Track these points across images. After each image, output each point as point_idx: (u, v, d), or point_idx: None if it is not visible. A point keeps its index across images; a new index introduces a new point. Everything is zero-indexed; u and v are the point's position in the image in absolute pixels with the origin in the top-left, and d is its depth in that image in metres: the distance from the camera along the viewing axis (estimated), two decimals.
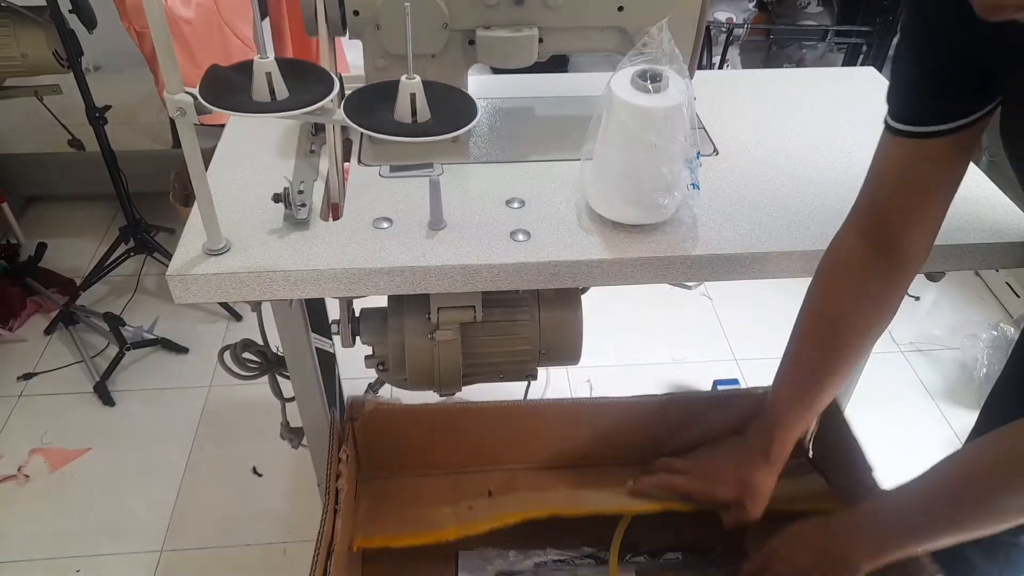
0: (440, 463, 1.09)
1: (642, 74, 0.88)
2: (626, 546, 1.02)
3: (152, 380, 1.99)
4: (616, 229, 0.98)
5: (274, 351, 1.18)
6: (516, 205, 1.02)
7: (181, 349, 2.06)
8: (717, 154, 1.14)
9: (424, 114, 0.81)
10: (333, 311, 1.14)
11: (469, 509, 1.00)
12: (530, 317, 1.10)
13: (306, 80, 0.81)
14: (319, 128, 1.13)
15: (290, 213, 0.96)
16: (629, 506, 1.00)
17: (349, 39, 1.01)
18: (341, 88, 0.88)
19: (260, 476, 1.75)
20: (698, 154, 0.94)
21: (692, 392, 1.55)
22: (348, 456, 0.93)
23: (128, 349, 1.99)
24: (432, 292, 0.97)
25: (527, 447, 1.08)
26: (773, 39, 2.58)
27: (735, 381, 1.92)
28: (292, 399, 1.20)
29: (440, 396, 1.14)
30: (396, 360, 1.09)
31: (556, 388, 1.96)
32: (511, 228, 0.97)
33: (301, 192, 1.00)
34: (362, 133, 0.83)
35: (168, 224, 2.26)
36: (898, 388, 2.03)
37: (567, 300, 1.11)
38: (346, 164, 1.09)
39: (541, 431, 1.07)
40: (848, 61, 2.49)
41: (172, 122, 0.88)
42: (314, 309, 1.14)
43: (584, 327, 1.11)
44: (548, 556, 1.05)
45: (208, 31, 1.82)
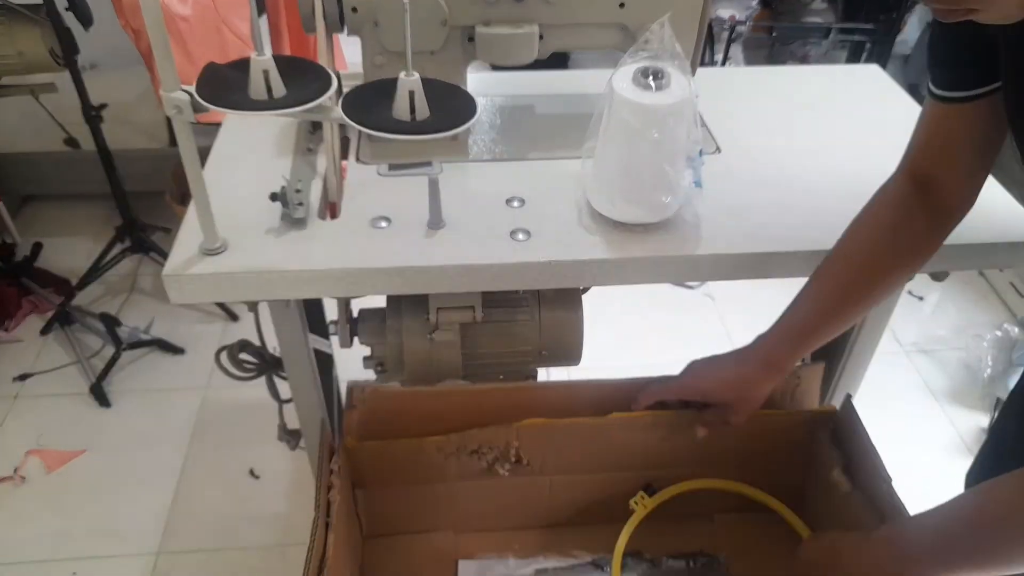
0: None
1: (644, 71, 0.87)
2: (629, 553, 1.01)
3: (148, 381, 1.98)
4: (617, 228, 0.97)
5: (271, 352, 1.18)
6: (516, 204, 1.01)
7: (177, 350, 2.05)
8: (719, 152, 1.13)
9: (423, 112, 0.81)
10: (331, 311, 1.13)
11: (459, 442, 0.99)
12: (530, 317, 1.09)
13: (304, 78, 0.80)
14: (317, 126, 1.12)
15: (287, 212, 0.95)
16: (614, 418, 0.98)
17: (347, 36, 1.00)
18: (339, 86, 0.87)
19: (257, 478, 1.74)
20: (700, 152, 0.93)
21: None
22: (340, 468, 0.92)
23: (124, 350, 1.98)
24: (431, 292, 0.96)
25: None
26: (776, 36, 2.57)
27: None
28: (289, 400, 1.20)
29: None
30: (395, 361, 1.08)
31: None
32: (511, 227, 0.96)
33: (298, 191, 1.00)
34: (360, 131, 0.82)
35: (165, 223, 2.25)
36: (902, 388, 2.02)
37: (568, 300, 1.10)
38: (344, 162, 1.08)
39: (544, 412, 1.04)
40: (851, 58, 2.48)
41: (169, 120, 0.87)
42: (312, 309, 1.13)
43: (585, 327, 1.11)
44: (548, 563, 1.04)
45: (205, 28, 1.81)
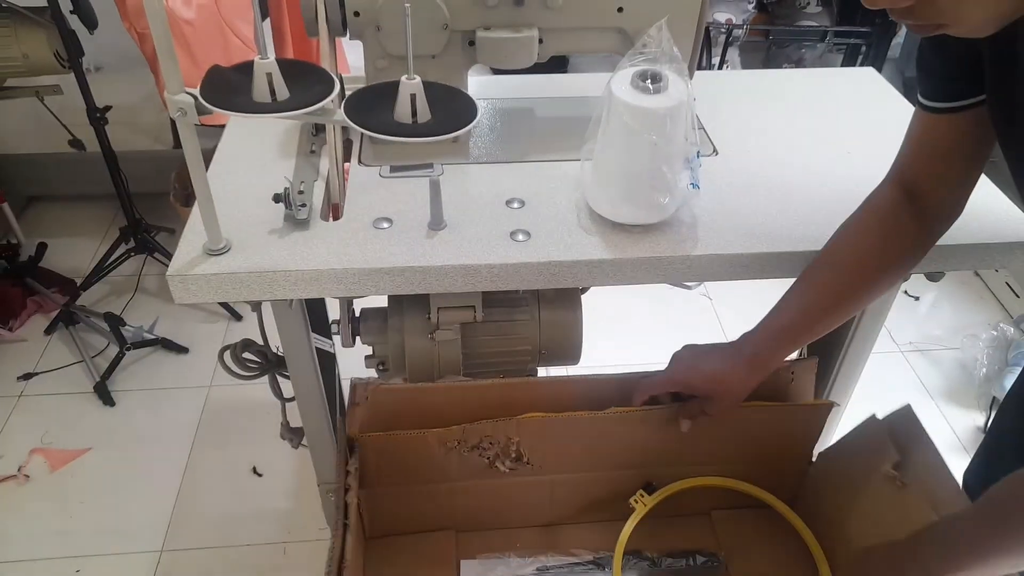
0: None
1: (642, 74, 0.88)
2: (628, 552, 1.02)
3: (152, 380, 1.99)
4: (616, 229, 0.98)
5: (274, 351, 1.18)
6: (516, 205, 1.02)
7: (181, 349, 2.06)
8: (717, 154, 1.14)
9: (424, 114, 0.82)
10: (333, 311, 1.14)
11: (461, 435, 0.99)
12: (530, 317, 1.10)
13: (306, 81, 0.81)
14: (319, 128, 1.13)
15: (290, 213, 0.96)
16: (611, 413, 0.98)
17: (349, 40, 1.01)
18: (341, 89, 0.88)
19: (260, 476, 1.75)
20: (698, 154, 0.94)
21: None
22: (356, 469, 0.93)
23: (128, 349, 1.99)
24: (432, 292, 0.97)
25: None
26: (772, 40, 2.58)
27: None
28: (292, 399, 1.21)
29: None
30: (396, 360, 1.09)
31: None
32: (511, 228, 0.97)
33: (301, 192, 1.01)
34: (362, 133, 0.83)
35: (168, 224, 2.27)
36: (898, 388, 2.03)
37: (567, 300, 1.11)
38: (346, 164, 1.09)
39: (544, 408, 1.05)
40: (847, 62, 2.49)
41: (173, 122, 0.88)
42: (314, 309, 1.14)
43: (584, 327, 1.12)
44: (550, 561, 1.05)
45: (209, 32, 1.82)
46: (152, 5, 0.71)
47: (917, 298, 2.32)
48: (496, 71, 1.18)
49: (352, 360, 1.21)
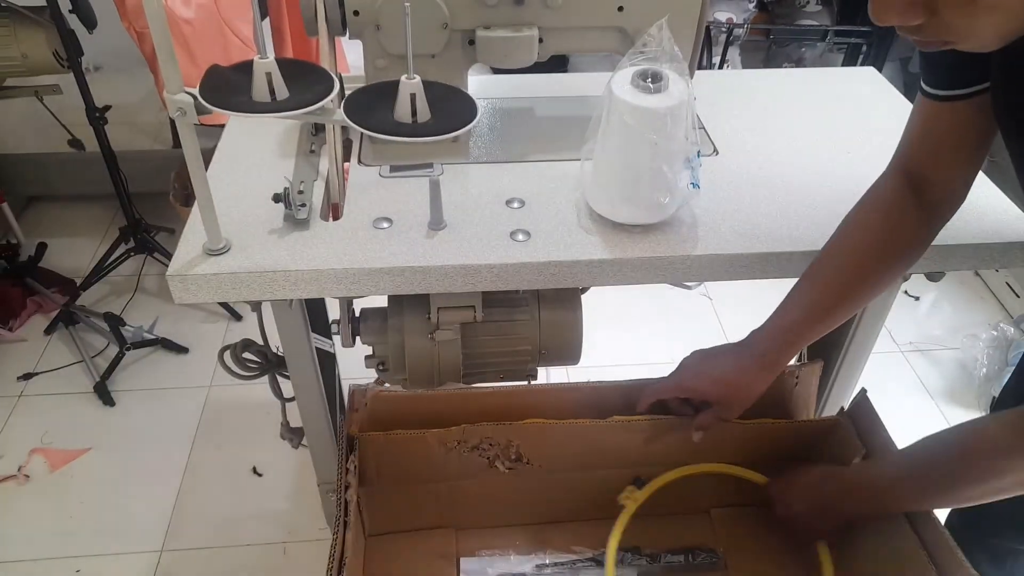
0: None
1: (642, 74, 0.88)
2: (627, 549, 1.02)
3: (152, 380, 1.99)
4: (616, 229, 0.98)
5: (274, 351, 1.18)
6: (516, 205, 1.02)
7: (181, 349, 2.06)
8: (717, 154, 1.14)
9: (424, 114, 0.82)
10: (333, 311, 1.14)
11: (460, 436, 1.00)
12: (530, 317, 1.10)
13: (306, 80, 0.81)
14: (319, 128, 1.13)
15: (290, 213, 0.96)
16: (612, 421, 0.98)
17: (349, 39, 1.01)
18: (341, 88, 0.88)
19: (260, 476, 1.75)
20: (698, 153, 0.94)
21: None
22: (356, 467, 0.93)
23: (128, 349, 1.99)
24: (432, 292, 0.97)
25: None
26: (773, 39, 2.57)
27: None
28: (292, 399, 1.21)
29: None
30: (396, 360, 1.09)
31: None
32: (511, 228, 0.97)
33: (301, 192, 1.01)
34: (362, 133, 0.83)
35: (168, 224, 2.26)
36: (898, 388, 2.03)
37: (567, 300, 1.11)
38: (346, 164, 1.09)
39: (544, 415, 1.05)
40: (848, 61, 2.48)
41: (172, 122, 0.88)
42: (314, 309, 1.14)
43: (584, 327, 1.12)
44: (549, 559, 1.05)
45: (208, 31, 1.82)
46: (151, 5, 0.71)
47: (917, 298, 2.32)
48: (496, 70, 1.18)
49: (352, 360, 1.21)
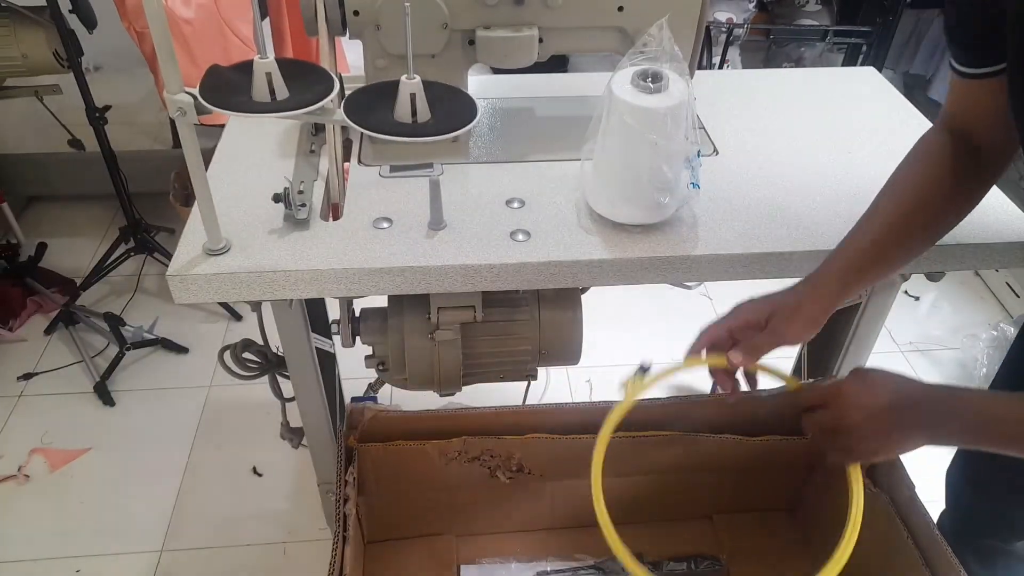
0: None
1: (642, 74, 0.88)
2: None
3: (152, 380, 1.99)
4: (616, 229, 0.98)
5: (274, 351, 1.18)
6: (516, 205, 1.02)
7: (181, 349, 2.06)
8: (717, 154, 1.14)
9: (424, 114, 0.82)
10: (333, 311, 1.14)
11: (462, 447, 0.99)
12: (530, 317, 1.10)
13: (306, 80, 0.81)
14: (319, 128, 1.13)
15: (290, 213, 0.96)
16: (617, 437, 0.93)
17: (349, 39, 1.01)
18: (341, 88, 0.88)
19: (260, 476, 1.75)
20: (698, 153, 0.94)
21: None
22: (355, 478, 0.92)
23: (128, 349, 1.99)
24: (432, 292, 0.97)
25: None
26: (773, 39, 2.57)
27: None
28: (292, 399, 1.21)
29: (440, 396, 1.14)
30: (396, 360, 1.09)
31: (556, 388, 1.96)
32: (511, 228, 0.97)
33: (301, 192, 1.01)
34: (362, 133, 0.83)
35: (168, 224, 2.26)
36: None
37: (567, 300, 1.11)
38: (346, 164, 1.09)
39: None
40: (848, 61, 2.48)
41: (172, 122, 0.88)
42: (314, 309, 1.14)
43: (584, 327, 1.12)
44: (550, 566, 1.05)
45: (208, 31, 1.82)
46: (151, 5, 0.71)
47: (917, 298, 2.31)
48: (496, 70, 1.18)
49: (352, 360, 1.21)
